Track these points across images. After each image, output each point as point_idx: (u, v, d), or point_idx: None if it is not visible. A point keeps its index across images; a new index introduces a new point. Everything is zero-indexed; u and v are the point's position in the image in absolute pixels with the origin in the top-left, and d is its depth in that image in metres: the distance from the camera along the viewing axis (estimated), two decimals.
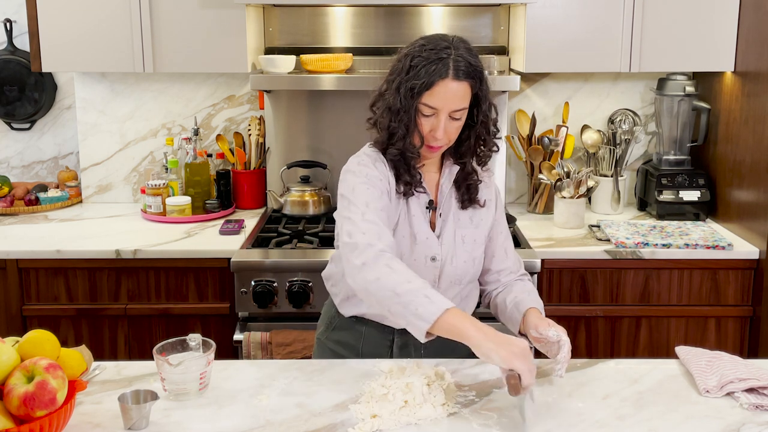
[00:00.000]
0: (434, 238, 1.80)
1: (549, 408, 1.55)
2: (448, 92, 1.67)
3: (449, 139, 1.75)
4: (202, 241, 2.69)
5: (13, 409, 1.35)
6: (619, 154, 3.01)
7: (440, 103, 1.68)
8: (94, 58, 2.82)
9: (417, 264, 1.78)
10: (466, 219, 1.83)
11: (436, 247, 1.79)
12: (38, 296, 2.65)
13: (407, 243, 1.78)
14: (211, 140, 3.20)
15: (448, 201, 1.83)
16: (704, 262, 2.59)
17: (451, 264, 1.80)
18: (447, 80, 1.66)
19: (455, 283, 1.82)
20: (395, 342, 1.84)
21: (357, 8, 3.07)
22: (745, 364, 1.67)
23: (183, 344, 1.64)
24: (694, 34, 2.77)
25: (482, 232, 1.85)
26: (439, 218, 1.82)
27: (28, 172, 3.31)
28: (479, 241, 1.84)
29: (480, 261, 1.85)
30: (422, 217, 1.80)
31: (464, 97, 1.70)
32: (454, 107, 1.69)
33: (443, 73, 1.66)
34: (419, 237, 1.78)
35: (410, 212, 1.79)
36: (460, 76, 1.67)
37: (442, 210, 1.82)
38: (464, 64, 1.68)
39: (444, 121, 1.70)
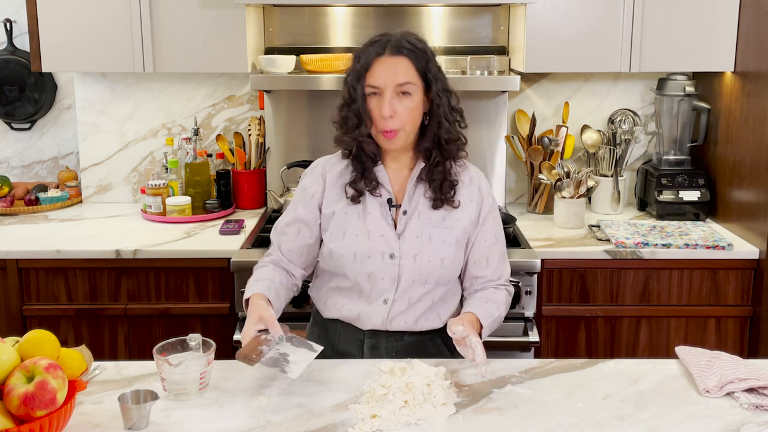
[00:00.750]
0: (393, 236, 1.81)
1: (549, 408, 1.56)
2: (387, 68, 1.73)
3: (402, 122, 1.75)
4: (202, 241, 2.69)
5: (13, 409, 1.35)
6: (619, 154, 3.01)
7: (381, 80, 1.73)
8: (94, 58, 2.82)
9: (373, 260, 1.80)
10: (438, 218, 1.83)
11: (394, 244, 1.80)
12: (38, 296, 2.65)
13: (362, 240, 1.80)
14: (211, 140, 3.20)
15: (415, 199, 1.83)
16: (704, 262, 2.59)
17: (413, 262, 1.80)
18: (383, 57, 1.74)
19: (419, 282, 1.81)
20: (365, 343, 1.86)
21: (357, 8, 3.07)
22: (745, 364, 1.67)
23: (183, 344, 1.64)
24: (694, 34, 2.77)
25: (455, 233, 1.83)
26: (403, 216, 1.83)
27: (28, 172, 3.31)
28: (449, 242, 1.82)
29: (452, 262, 1.83)
30: (380, 214, 1.82)
31: (405, 71, 1.74)
32: (395, 81, 1.73)
33: (379, 52, 1.75)
34: (373, 234, 1.80)
35: (366, 210, 1.82)
36: (395, 52, 1.74)
37: (407, 207, 1.83)
38: (400, 42, 1.75)
39: (390, 98, 1.72)
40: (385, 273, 1.80)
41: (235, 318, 2.58)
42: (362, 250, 1.80)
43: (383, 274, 1.80)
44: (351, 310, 1.85)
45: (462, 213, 1.84)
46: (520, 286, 2.51)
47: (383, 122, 1.74)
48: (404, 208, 1.83)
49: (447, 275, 1.84)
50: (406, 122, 1.75)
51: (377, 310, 1.82)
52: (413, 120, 1.77)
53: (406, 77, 1.73)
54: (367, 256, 1.80)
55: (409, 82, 1.73)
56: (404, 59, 1.74)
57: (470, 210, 1.85)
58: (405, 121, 1.75)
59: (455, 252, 1.83)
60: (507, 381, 1.67)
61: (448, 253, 1.82)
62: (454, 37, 3.10)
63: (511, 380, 1.67)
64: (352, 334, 1.87)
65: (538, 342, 2.52)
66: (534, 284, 2.53)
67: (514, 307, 2.51)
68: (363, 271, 1.81)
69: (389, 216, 1.83)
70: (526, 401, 1.58)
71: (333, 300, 1.88)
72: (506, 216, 2.87)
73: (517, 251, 2.57)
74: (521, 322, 2.55)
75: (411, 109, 1.75)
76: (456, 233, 1.83)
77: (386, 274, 1.80)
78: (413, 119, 1.77)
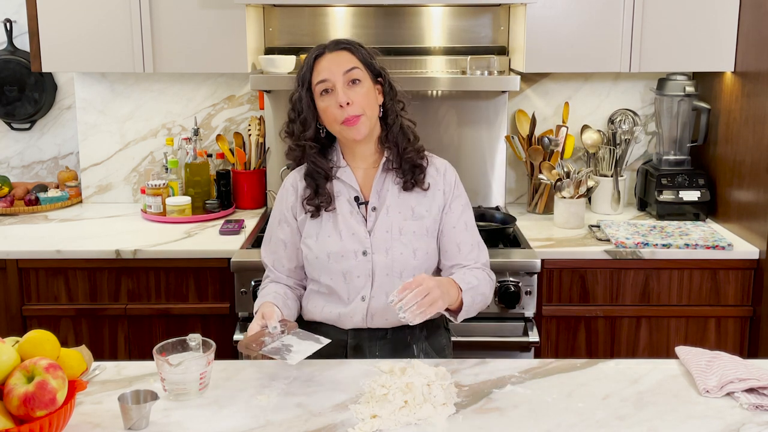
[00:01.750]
0: (363, 233, 1.83)
1: (549, 408, 1.56)
2: (330, 62, 1.79)
3: (361, 107, 1.78)
4: (202, 241, 2.69)
5: (13, 409, 1.35)
6: (619, 154, 3.01)
7: (327, 73, 1.78)
8: (94, 58, 2.82)
9: (347, 260, 1.82)
10: (408, 210, 1.85)
11: (366, 241, 1.83)
12: (38, 296, 2.65)
13: (334, 241, 1.83)
14: (211, 140, 3.20)
15: (383, 193, 1.86)
16: (704, 262, 2.59)
17: (385, 256, 1.82)
18: (324, 55, 1.81)
19: (393, 276, 1.83)
20: (348, 343, 1.88)
21: (357, 8, 3.07)
22: (745, 364, 1.67)
23: (183, 344, 1.64)
24: (694, 34, 2.76)
25: (425, 224, 1.85)
26: (372, 212, 1.85)
27: (28, 172, 3.31)
28: (420, 233, 1.84)
29: (426, 253, 1.85)
30: (350, 214, 1.85)
31: (348, 60, 1.80)
32: (342, 69, 1.78)
33: (319, 52, 1.82)
34: (344, 234, 1.83)
35: (337, 212, 1.85)
36: (334, 48, 1.81)
37: (377, 203, 1.85)
38: (337, 41, 1.83)
39: (342, 88, 1.77)
40: (359, 270, 1.83)
41: (235, 318, 2.58)
42: (335, 249, 1.83)
43: (358, 272, 1.83)
44: (331, 312, 1.87)
45: (431, 202, 1.87)
46: (520, 286, 2.51)
47: (342, 112, 1.78)
48: (373, 204, 1.86)
49: (422, 266, 1.85)
50: (365, 106, 1.79)
51: (357, 309, 1.84)
52: (371, 104, 1.81)
53: (351, 64, 1.80)
54: (341, 255, 1.83)
55: (354, 67, 1.79)
56: (344, 52, 1.82)
57: (438, 198, 1.88)
58: (363, 105, 1.79)
59: (428, 243, 1.85)
60: (507, 381, 1.67)
61: (420, 244, 1.84)
62: (454, 37, 3.10)
63: (511, 380, 1.67)
64: (334, 335, 1.88)
65: (538, 342, 2.52)
66: (534, 284, 2.53)
67: (514, 307, 2.51)
68: (338, 270, 1.83)
69: (359, 214, 1.86)
70: (526, 401, 1.58)
71: (313, 303, 1.90)
72: (506, 216, 2.87)
73: (517, 251, 2.57)
74: (521, 322, 2.55)
75: (365, 95, 1.80)
76: (426, 223, 1.85)
77: (360, 271, 1.83)
78: (370, 104, 1.81)
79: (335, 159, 1.89)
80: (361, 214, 1.86)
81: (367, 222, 1.85)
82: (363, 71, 1.81)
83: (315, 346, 1.66)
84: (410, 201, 1.86)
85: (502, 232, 2.73)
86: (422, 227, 1.85)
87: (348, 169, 1.88)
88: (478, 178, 3.13)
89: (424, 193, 1.87)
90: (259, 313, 1.74)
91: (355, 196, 1.86)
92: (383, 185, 1.87)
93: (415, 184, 1.85)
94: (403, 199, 1.86)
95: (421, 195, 1.87)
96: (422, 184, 1.86)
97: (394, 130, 1.85)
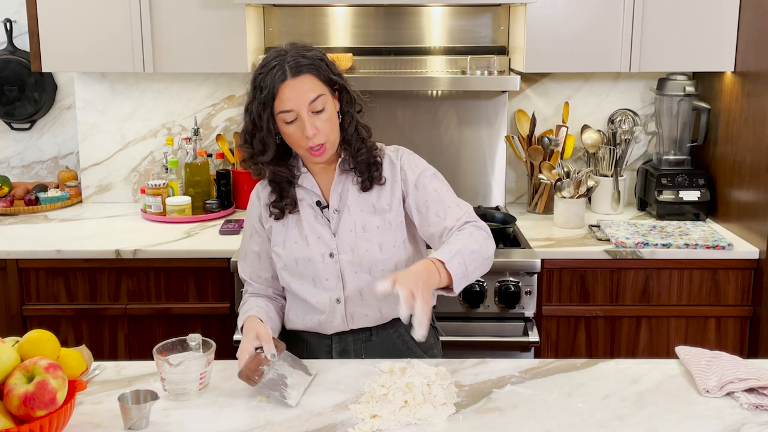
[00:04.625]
0: (328, 235, 1.83)
1: (549, 408, 1.56)
2: (294, 90, 1.72)
3: (326, 135, 1.76)
4: (202, 241, 2.69)
5: (13, 409, 1.35)
6: (619, 154, 3.01)
7: (293, 104, 1.73)
8: (94, 58, 2.82)
9: (315, 263, 1.82)
10: (369, 207, 1.85)
11: (331, 242, 1.83)
12: (38, 296, 2.65)
13: (301, 247, 1.84)
14: (211, 140, 3.20)
15: (344, 194, 1.85)
16: (704, 262, 2.59)
17: (352, 255, 1.82)
18: (287, 81, 1.72)
19: (362, 272, 1.82)
20: (333, 348, 1.88)
21: (357, 8, 3.07)
22: (745, 364, 1.67)
23: (183, 344, 1.64)
24: (694, 34, 2.77)
25: (388, 217, 1.84)
26: (334, 214, 1.85)
27: (28, 172, 3.31)
28: (384, 227, 1.83)
29: (393, 246, 1.83)
30: (314, 218, 1.85)
31: (312, 88, 1.74)
32: (307, 100, 1.73)
33: (281, 77, 1.72)
34: (310, 238, 1.83)
35: (301, 218, 1.85)
36: (297, 73, 1.72)
37: (338, 205, 1.85)
38: (296, 61, 1.73)
39: (308, 118, 1.73)
40: (328, 273, 1.83)
41: (235, 318, 2.58)
42: (303, 255, 1.83)
43: (327, 275, 1.83)
44: (312, 319, 1.87)
45: (391, 195, 1.85)
46: (520, 286, 2.51)
47: (308, 141, 1.75)
48: (334, 206, 1.86)
49: (391, 259, 1.83)
50: (328, 133, 1.77)
51: (335, 312, 1.84)
52: (334, 128, 1.78)
53: (315, 91, 1.73)
54: (308, 260, 1.83)
55: (319, 95, 1.74)
56: (308, 77, 1.73)
57: (396, 190, 1.86)
58: (327, 132, 1.76)
59: (394, 235, 1.84)
60: (507, 381, 1.67)
61: (386, 239, 1.83)
62: (454, 37, 3.10)
63: (511, 380, 1.67)
64: (319, 341, 1.89)
65: (538, 342, 2.52)
66: (534, 284, 2.53)
67: (514, 307, 2.51)
68: (308, 275, 1.84)
69: (323, 218, 1.86)
70: (526, 401, 1.58)
71: (294, 312, 1.90)
72: (506, 216, 2.87)
73: (517, 251, 2.57)
74: (521, 322, 2.55)
75: (329, 121, 1.76)
76: (389, 217, 1.84)
77: (330, 273, 1.83)
78: (333, 128, 1.78)
79: (296, 166, 1.88)
80: (325, 217, 1.86)
81: (331, 224, 1.85)
82: (326, 95, 1.76)
83: (306, 380, 1.66)
84: (370, 198, 1.85)
85: (502, 232, 2.73)
86: (385, 221, 1.84)
87: (308, 175, 1.87)
88: (478, 178, 3.13)
89: (382, 187, 1.86)
90: (251, 332, 1.70)
91: (317, 201, 1.86)
92: (343, 186, 1.86)
93: (372, 182, 1.85)
94: (364, 197, 1.85)
95: (380, 189, 1.86)
96: (379, 180, 1.85)
97: (350, 133, 1.83)
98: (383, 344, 1.88)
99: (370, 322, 1.86)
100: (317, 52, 1.79)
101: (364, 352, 1.87)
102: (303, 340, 1.91)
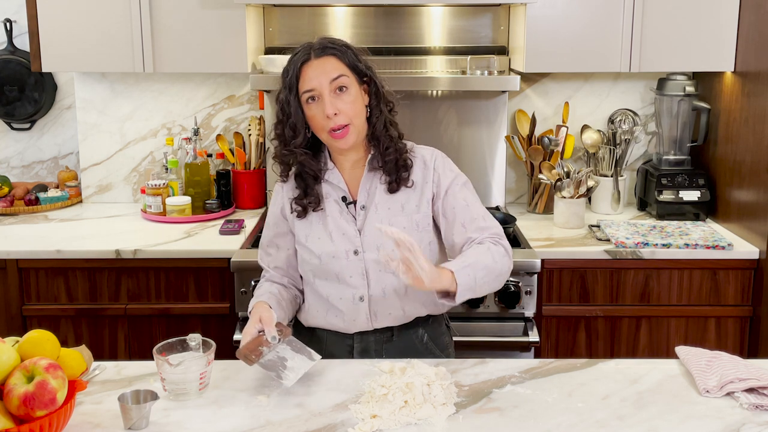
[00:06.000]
0: (353, 232, 1.83)
1: (549, 408, 1.56)
2: (316, 70, 1.75)
3: (348, 116, 1.76)
4: (202, 241, 2.69)
5: (13, 409, 1.35)
6: (619, 154, 3.01)
7: (314, 83, 1.75)
8: (94, 58, 2.82)
9: (339, 260, 1.82)
10: (397, 207, 1.84)
11: (356, 240, 1.82)
12: (38, 296, 2.65)
13: (325, 243, 1.83)
14: (211, 140, 3.20)
15: (371, 191, 1.85)
16: (704, 262, 2.59)
17: (377, 254, 1.81)
18: (310, 61, 1.76)
19: (387, 271, 1.82)
20: (355, 347, 1.88)
21: (357, 8, 3.07)
22: (745, 364, 1.67)
23: (183, 344, 1.64)
24: (694, 34, 2.77)
25: (414, 218, 1.84)
26: (361, 211, 1.84)
27: (28, 172, 3.31)
28: (410, 228, 1.83)
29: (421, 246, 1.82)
30: (339, 214, 1.84)
31: (335, 68, 1.76)
32: (329, 77, 1.74)
33: (305, 58, 1.77)
34: (335, 235, 1.83)
35: (326, 213, 1.85)
36: (320, 54, 1.77)
37: (365, 202, 1.84)
38: (321, 44, 1.78)
39: (329, 97, 1.74)
40: (352, 270, 1.82)
41: (235, 318, 2.58)
42: (327, 251, 1.83)
43: (351, 272, 1.82)
44: (334, 317, 1.86)
45: (420, 197, 1.85)
46: (520, 286, 2.51)
47: (330, 122, 1.75)
48: (362, 203, 1.85)
49: None
50: (352, 116, 1.76)
51: (358, 311, 1.84)
52: (358, 112, 1.78)
53: (337, 71, 1.76)
54: (332, 256, 1.82)
55: (341, 74, 1.76)
56: (330, 58, 1.77)
57: (426, 192, 1.86)
58: (351, 115, 1.76)
59: (420, 237, 1.84)
60: (507, 381, 1.67)
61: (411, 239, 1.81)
62: (454, 37, 3.10)
63: (511, 380, 1.67)
64: (339, 341, 1.88)
65: (538, 342, 2.52)
66: (534, 284, 2.53)
67: (514, 307, 2.51)
68: (331, 272, 1.83)
69: (348, 213, 1.85)
70: (526, 401, 1.58)
71: (315, 309, 1.89)
72: (506, 216, 2.87)
73: (517, 251, 2.57)
74: (521, 322, 2.55)
75: (352, 103, 1.76)
76: (416, 218, 1.84)
77: (353, 271, 1.82)
78: (357, 111, 1.78)
79: (323, 161, 1.87)
80: (350, 213, 1.85)
81: (357, 221, 1.84)
82: (350, 77, 1.77)
83: (308, 364, 1.65)
84: (399, 198, 1.85)
85: None
86: (412, 222, 1.84)
87: (335, 171, 1.87)
88: (478, 178, 3.12)
89: (411, 189, 1.86)
90: (255, 315, 1.72)
91: (342, 197, 1.86)
92: (371, 183, 1.86)
93: (399, 184, 1.84)
94: (392, 196, 1.85)
95: (409, 191, 1.85)
96: (406, 183, 1.85)
97: (378, 129, 1.82)
98: (404, 345, 1.88)
99: (394, 321, 1.86)
100: (346, 42, 1.82)
101: (385, 352, 1.86)
102: (322, 339, 1.89)
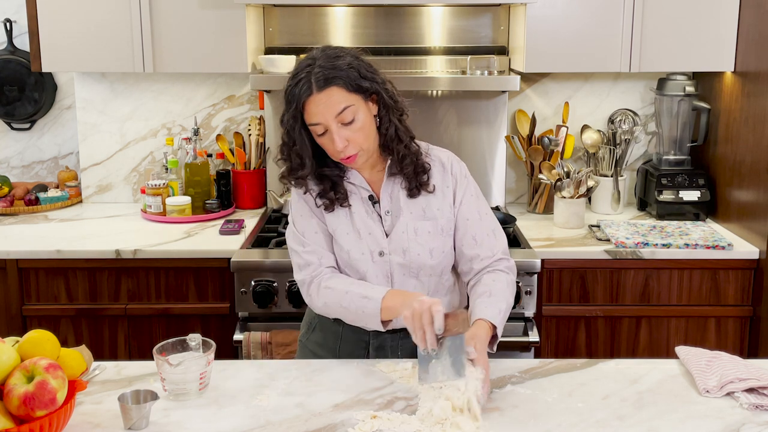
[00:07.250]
0: (380, 233, 1.82)
1: (549, 408, 1.56)
2: (320, 105, 1.69)
3: (359, 145, 1.74)
4: (202, 241, 2.69)
5: (13, 409, 1.35)
6: (619, 154, 3.01)
7: (320, 117, 1.70)
8: (94, 58, 2.82)
9: (364, 259, 1.81)
10: (419, 211, 1.84)
11: (383, 242, 1.82)
12: (38, 296, 2.64)
13: (352, 239, 1.82)
14: (211, 140, 3.20)
15: (394, 195, 1.84)
16: (704, 262, 2.59)
17: (402, 257, 1.81)
18: (312, 96, 1.69)
19: (410, 276, 1.82)
20: (371, 344, 1.86)
21: (357, 8, 3.07)
22: (745, 364, 1.67)
23: (183, 344, 1.64)
24: (694, 34, 2.77)
25: (438, 223, 1.83)
26: (387, 215, 1.84)
27: (28, 172, 3.31)
28: (435, 233, 1.83)
29: (442, 252, 1.83)
30: (366, 213, 1.83)
31: (338, 101, 1.69)
32: (334, 113, 1.69)
33: (306, 92, 1.70)
34: (362, 233, 1.82)
35: (352, 209, 1.83)
36: (322, 86, 1.69)
37: (390, 207, 1.83)
38: (323, 73, 1.69)
39: (337, 131, 1.70)
40: (377, 271, 1.81)
41: (235, 318, 2.58)
42: (354, 248, 1.82)
43: (375, 272, 1.81)
44: None
45: (442, 201, 1.85)
46: (520, 286, 2.51)
47: (340, 154, 1.74)
48: (386, 207, 1.84)
49: (439, 266, 1.84)
50: (361, 143, 1.74)
51: None
52: (368, 136, 1.76)
53: (342, 103, 1.70)
54: (360, 253, 1.81)
55: (346, 107, 1.70)
56: (333, 90, 1.69)
57: (448, 195, 1.86)
58: (360, 142, 1.74)
59: (443, 241, 1.84)
60: (507, 381, 1.67)
61: (436, 244, 1.82)
62: (454, 37, 3.10)
63: (511, 380, 1.67)
64: (355, 337, 1.86)
65: (538, 342, 2.52)
66: (534, 284, 2.53)
67: (515, 307, 2.51)
68: (357, 270, 1.82)
69: (375, 213, 1.84)
70: (526, 401, 1.58)
71: None
72: (506, 216, 2.87)
73: (517, 251, 2.57)
74: (521, 322, 2.55)
75: (360, 130, 1.73)
76: (440, 223, 1.84)
77: (378, 272, 1.81)
78: (367, 136, 1.75)
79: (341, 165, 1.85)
80: (377, 212, 1.84)
81: (384, 224, 1.83)
82: (356, 103, 1.72)
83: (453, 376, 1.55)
84: (420, 203, 1.84)
85: None
86: (437, 226, 1.83)
87: (355, 172, 1.85)
88: (478, 178, 3.08)
89: (433, 193, 1.85)
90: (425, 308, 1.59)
91: (369, 195, 1.84)
92: (392, 188, 1.84)
93: (420, 189, 1.83)
94: (414, 201, 1.84)
95: (430, 195, 1.85)
96: (427, 187, 1.84)
97: (389, 137, 1.80)
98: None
99: None
100: (349, 57, 1.73)
101: (400, 350, 1.86)
102: (337, 334, 1.87)
